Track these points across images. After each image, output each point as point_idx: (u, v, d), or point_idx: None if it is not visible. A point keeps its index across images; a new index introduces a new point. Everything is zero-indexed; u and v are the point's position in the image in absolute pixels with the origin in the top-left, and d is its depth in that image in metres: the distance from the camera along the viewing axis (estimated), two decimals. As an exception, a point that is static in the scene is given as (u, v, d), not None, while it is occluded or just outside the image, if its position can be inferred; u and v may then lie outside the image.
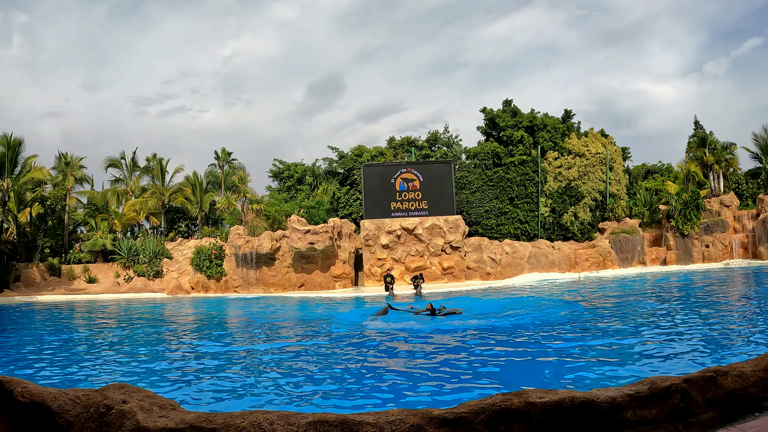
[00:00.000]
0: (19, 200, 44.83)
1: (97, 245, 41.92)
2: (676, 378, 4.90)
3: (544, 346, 13.58)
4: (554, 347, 13.35)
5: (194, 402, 9.49)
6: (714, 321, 16.57)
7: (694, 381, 4.91)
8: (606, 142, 45.40)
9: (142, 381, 11.60)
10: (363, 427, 4.13)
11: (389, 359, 13.21)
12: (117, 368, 13.25)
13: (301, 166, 49.65)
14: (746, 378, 5.05)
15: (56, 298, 35.71)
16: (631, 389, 4.76)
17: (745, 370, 5.14)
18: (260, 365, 12.85)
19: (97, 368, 13.28)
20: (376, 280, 35.98)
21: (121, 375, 12.43)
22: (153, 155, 51.81)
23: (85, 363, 14.10)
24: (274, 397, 9.69)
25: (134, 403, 4.63)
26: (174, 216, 52.11)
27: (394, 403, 9.22)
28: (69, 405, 4.60)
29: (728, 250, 39.27)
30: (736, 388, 4.98)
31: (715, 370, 5.14)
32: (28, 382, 4.86)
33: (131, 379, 11.88)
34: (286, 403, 9.38)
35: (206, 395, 10.02)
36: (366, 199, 38.11)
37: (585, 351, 12.69)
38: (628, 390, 4.74)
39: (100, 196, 49.92)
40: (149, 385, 11.07)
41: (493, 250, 38.16)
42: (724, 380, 5.00)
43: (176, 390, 10.59)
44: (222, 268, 37.90)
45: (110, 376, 12.35)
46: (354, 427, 4.15)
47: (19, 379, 4.88)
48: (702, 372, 5.09)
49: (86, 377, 12.31)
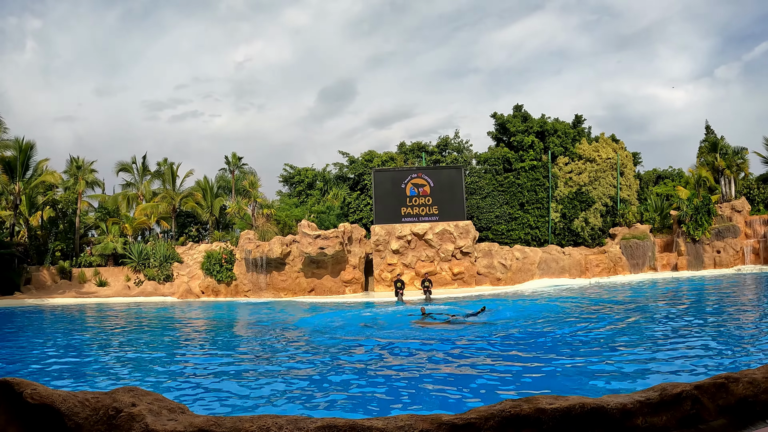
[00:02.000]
0: (31, 203, 45.10)
1: (108, 249, 42.09)
2: (686, 384, 4.88)
3: (557, 350, 13.54)
4: (566, 350, 13.31)
5: (203, 406, 9.49)
6: (726, 326, 16.49)
7: (705, 387, 4.88)
8: (617, 147, 45.27)
9: (151, 384, 11.61)
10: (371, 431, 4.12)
11: (403, 362, 13.19)
12: (126, 371, 13.28)
13: (312, 171, 49.70)
14: (758, 385, 5.01)
15: (67, 301, 35.85)
16: (641, 396, 4.73)
17: (757, 376, 5.10)
18: (270, 370, 12.85)
19: (106, 371, 13.31)
20: (386, 285, 35.96)
21: (130, 378, 12.45)
22: (164, 160, 52.03)
23: (94, 366, 14.14)
24: (283, 402, 9.68)
25: (143, 406, 4.63)
26: (185, 220, 52.27)
27: (402, 407, 9.21)
28: (78, 407, 4.60)
29: (740, 255, 39.09)
30: (747, 394, 4.94)
31: (726, 376, 5.11)
32: (37, 384, 4.87)
33: (140, 382, 11.90)
34: (296, 407, 9.36)
35: (215, 399, 10.02)
36: (376, 205, 38.10)
37: (597, 355, 12.65)
38: (638, 396, 4.72)
39: (111, 200, 50.15)
40: (158, 388, 11.10)
41: (504, 256, 38.09)
42: (736, 387, 4.97)
43: (185, 393, 10.60)
44: (232, 273, 37.96)
45: (119, 379, 12.37)
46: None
47: (28, 381, 4.89)
48: (713, 378, 5.06)
49: (95, 380, 12.34)
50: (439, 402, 9.55)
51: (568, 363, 12.16)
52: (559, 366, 11.93)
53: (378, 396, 10.10)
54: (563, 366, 11.91)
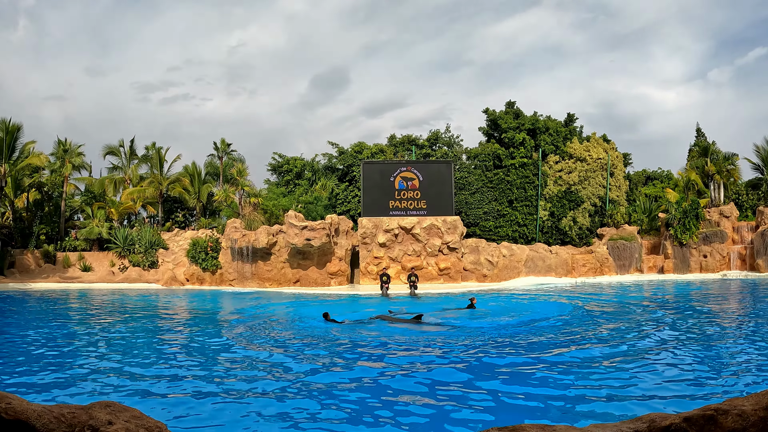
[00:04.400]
0: (16, 185, 44.72)
1: (93, 233, 41.78)
2: (675, 416, 4.75)
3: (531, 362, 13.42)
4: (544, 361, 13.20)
5: (183, 414, 9.26)
6: (710, 336, 16.43)
7: (694, 420, 4.76)
8: (608, 147, 45.22)
9: (127, 389, 11.37)
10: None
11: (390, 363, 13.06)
12: (106, 364, 13.07)
13: (301, 161, 49.46)
14: (747, 418, 4.89)
15: (50, 286, 35.57)
16: (629, 427, 4.60)
17: (746, 408, 4.98)
18: (253, 373, 12.66)
19: (86, 365, 13.10)
20: (372, 278, 35.86)
21: (109, 374, 12.21)
22: (152, 144, 51.60)
23: (75, 358, 13.93)
24: (264, 410, 9.48)
25: (120, 425, 4.45)
26: (171, 206, 51.96)
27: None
28: (54, 424, 4.43)
29: (726, 261, 39.16)
30: (736, 428, 4.82)
31: (716, 408, 4.98)
32: (12, 396, 4.68)
33: (119, 378, 11.68)
34: (278, 415, 9.20)
35: (196, 408, 9.77)
36: (365, 197, 37.95)
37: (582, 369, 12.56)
38: (626, 428, 4.59)
39: (97, 184, 49.77)
40: (135, 391, 10.92)
41: (491, 252, 38.04)
42: (725, 420, 4.85)
43: (165, 396, 10.41)
44: (218, 261, 37.77)
45: (97, 375, 12.15)
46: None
47: (3, 394, 4.72)
48: (702, 410, 4.93)
49: (72, 376, 12.12)
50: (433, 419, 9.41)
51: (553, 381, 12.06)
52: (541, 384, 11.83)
53: (366, 403, 9.93)
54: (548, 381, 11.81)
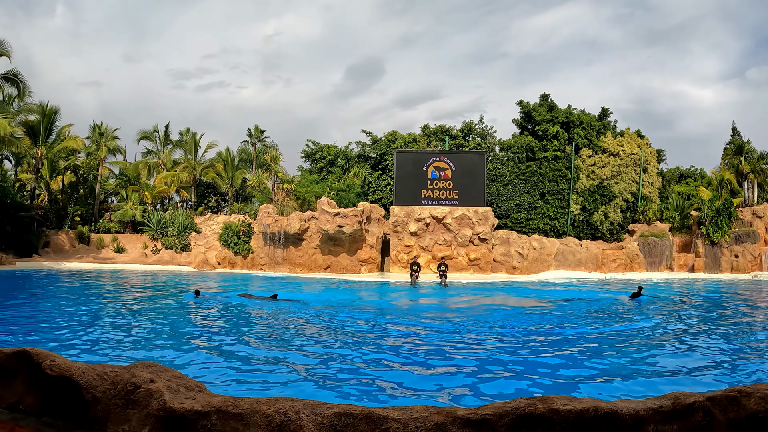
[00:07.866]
0: (52, 168, 45.56)
1: (127, 216, 42.43)
2: (699, 395, 4.86)
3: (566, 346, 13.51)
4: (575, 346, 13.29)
5: (220, 384, 9.52)
6: (739, 333, 16.39)
7: (718, 399, 4.87)
8: (641, 143, 44.90)
9: (164, 358, 11.68)
10: (388, 422, 4.15)
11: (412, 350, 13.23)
12: (140, 343, 13.35)
13: (334, 149, 49.71)
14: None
15: (83, 266, 36.14)
16: (654, 403, 4.72)
17: (771, 391, 5.09)
18: (288, 351, 12.87)
19: (121, 341, 13.40)
20: (402, 266, 35.99)
21: (144, 350, 12.51)
22: (186, 129, 52.33)
23: (110, 335, 14.24)
24: (299, 384, 9.70)
25: (162, 383, 4.68)
26: (204, 191, 52.57)
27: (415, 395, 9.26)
28: (97, 381, 4.67)
29: (757, 262, 38.68)
30: (758, 410, 4.92)
31: (739, 390, 5.08)
32: (57, 355, 4.93)
33: (156, 355, 11.98)
34: (311, 390, 9.39)
35: (232, 377, 10.05)
36: (397, 185, 38.05)
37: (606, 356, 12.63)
38: (651, 404, 4.71)
39: (132, 168, 50.53)
40: (172, 364, 11.20)
41: (521, 245, 38.00)
42: (748, 401, 4.95)
43: (202, 369, 10.67)
44: (249, 246, 38.13)
45: (135, 350, 12.46)
46: (379, 422, 4.17)
47: (48, 352, 4.95)
48: (726, 391, 5.04)
49: (112, 349, 12.43)
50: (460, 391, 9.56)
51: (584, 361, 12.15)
52: (570, 360, 11.93)
53: (392, 384, 10.10)
54: (574, 359, 11.90)
